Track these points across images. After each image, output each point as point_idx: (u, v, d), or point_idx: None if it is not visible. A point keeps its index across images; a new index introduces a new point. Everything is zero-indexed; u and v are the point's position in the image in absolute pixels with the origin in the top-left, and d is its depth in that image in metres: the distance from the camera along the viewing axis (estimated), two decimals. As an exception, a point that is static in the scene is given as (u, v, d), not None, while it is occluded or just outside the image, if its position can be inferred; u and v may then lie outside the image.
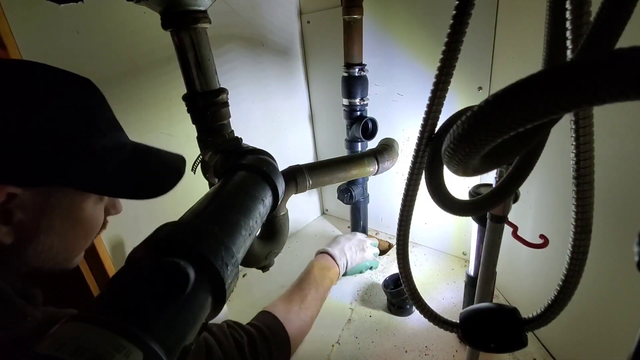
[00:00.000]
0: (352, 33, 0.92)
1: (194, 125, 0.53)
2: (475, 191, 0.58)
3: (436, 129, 0.38)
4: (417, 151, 0.39)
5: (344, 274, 0.89)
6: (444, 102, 0.36)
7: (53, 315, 0.33)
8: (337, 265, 0.70)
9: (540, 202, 0.74)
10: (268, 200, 0.39)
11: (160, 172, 0.42)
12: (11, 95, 0.30)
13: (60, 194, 0.34)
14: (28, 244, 0.33)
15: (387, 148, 0.60)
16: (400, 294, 0.91)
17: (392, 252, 1.22)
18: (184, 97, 0.49)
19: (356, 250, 0.81)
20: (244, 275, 1.10)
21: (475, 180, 0.80)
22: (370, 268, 1.07)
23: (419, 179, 0.41)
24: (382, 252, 1.23)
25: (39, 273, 0.36)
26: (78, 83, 0.36)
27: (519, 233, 0.49)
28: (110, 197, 0.42)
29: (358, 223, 1.23)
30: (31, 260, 0.34)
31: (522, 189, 0.42)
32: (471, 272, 0.73)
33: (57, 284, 0.69)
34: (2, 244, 0.31)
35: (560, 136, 0.37)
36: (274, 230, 0.50)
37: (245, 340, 0.47)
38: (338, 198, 1.12)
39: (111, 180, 0.36)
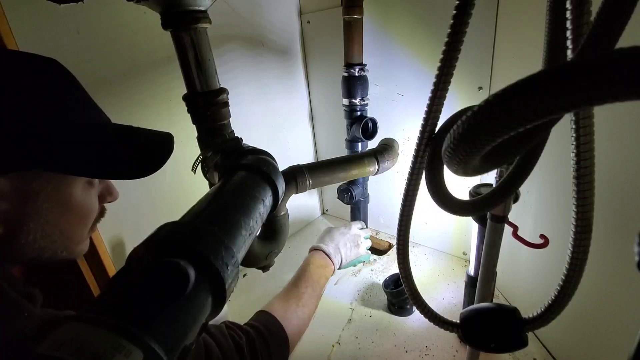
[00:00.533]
0: (352, 33, 0.92)
1: (194, 125, 0.53)
2: (475, 191, 0.58)
3: (436, 129, 0.38)
4: (417, 151, 0.39)
5: (338, 268, 0.90)
6: (444, 102, 0.36)
7: (52, 317, 0.32)
8: (333, 262, 0.69)
9: (541, 202, 0.74)
10: (268, 200, 0.39)
11: (146, 150, 0.40)
12: None
13: (42, 180, 0.33)
14: (18, 233, 0.32)
15: (387, 148, 0.60)
16: (401, 294, 0.91)
17: (392, 252, 1.22)
18: (184, 97, 0.49)
19: (351, 247, 0.80)
20: (244, 275, 1.10)
21: (476, 180, 0.80)
22: (363, 262, 1.07)
23: (419, 179, 0.41)
24: (382, 252, 1.23)
25: (38, 263, 0.35)
26: (43, 64, 0.35)
27: (519, 233, 0.49)
28: (104, 183, 0.40)
29: (358, 223, 1.23)
30: (26, 250, 0.33)
31: (523, 189, 0.42)
32: (471, 272, 0.73)
33: (57, 283, 0.70)
34: None
35: (561, 136, 0.37)
36: (274, 230, 0.50)
37: (244, 341, 0.46)
38: (338, 198, 1.12)
39: (92, 161, 0.35)
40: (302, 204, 1.40)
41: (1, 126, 0.29)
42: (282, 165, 0.52)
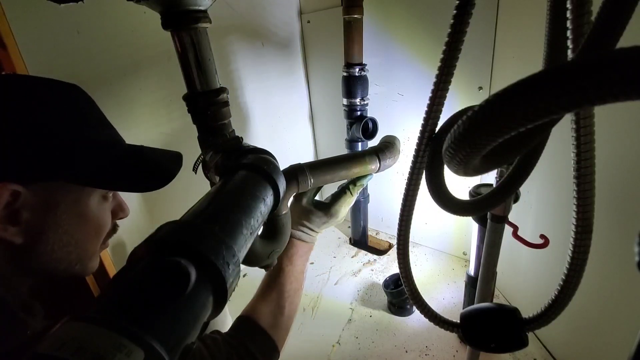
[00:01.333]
0: (352, 33, 0.92)
1: (194, 125, 0.53)
2: (475, 191, 0.58)
3: (436, 129, 0.38)
4: (417, 151, 0.39)
5: None
6: (445, 102, 0.36)
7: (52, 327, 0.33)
8: (313, 243, 0.62)
9: (541, 202, 0.74)
10: (269, 199, 0.39)
11: (159, 164, 0.43)
12: (6, 103, 0.33)
13: (64, 191, 0.35)
14: (38, 243, 0.34)
15: (388, 146, 0.60)
16: (401, 294, 0.91)
17: (392, 252, 1.22)
18: (185, 97, 0.49)
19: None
20: (244, 275, 1.10)
21: (476, 180, 0.80)
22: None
23: (419, 179, 0.41)
24: (382, 252, 1.23)
25: (52, 277, 0.37)
26: (66, 88, 0.38)
27: (519, 233, 0.49)
28: (116, 199, 0.43)
29: (358, 223, 1.23)
30: (43, 261, 0.35)
31: (523, 189, 0.42)
32: (471, 272, 0.73)
33: (58, 283, 0.70)
34: (13, 244, 0.32)
35: (561, 136, 0.37)
36: (275, 229, 0.50)
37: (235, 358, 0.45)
38: (338, 198, 1.12)
39: (111, 173, 0.38)
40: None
41: (30, 141, 0.33)
42: (282, 166, 0.52)
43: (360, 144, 1.05)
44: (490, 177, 0.58)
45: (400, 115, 1.08)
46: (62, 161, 0.34)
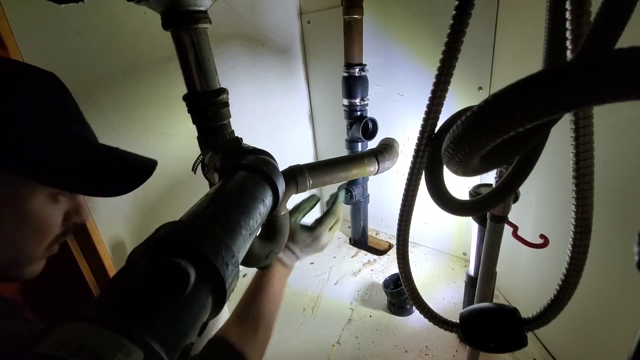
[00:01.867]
0: (352, 33, 0.92)
1: (194, 125, 0.53)
2: (475, 191, 0.58)
3: (436, 129, 0.38)
4: (417, 151, 0.39)
5: None
6: (444, 102, 0.36)
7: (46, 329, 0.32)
8: (292, 267, 0.61)
9: (541, 202, 0.74)
10: (268, 200, 0.39)
11: (120, 171, 0.39)
12: None
13: (0, 182, 0.31)
14: None
15: (387, 148, 0.60)
16: (401, 294, 0.91)
17: (392, 252, 1.22)
18: (185, 97, 0.49)
19: (312, 253, 0.66)
20: (244, 276, 1.10)
21: (476, 180, 0.80)
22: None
23: (419, 179, 0.41)
24: (382, 252, 1.23)
25: None
26: (38, 75, 0.35)
27: (519, 233, 0.49)
28: (73, 201, 0.39)
29: (358, 223, 1.23)
30: None
31: (522, 189, 0.42)
32: (471, 272, 0.73)
33: (57, 283, 0.70)
34: None
35: (560, 136, 0.37)
36: (274, 230, 0.50)
37: None
38: (338, 198, 1.12)
39: (60, 171, 0.34)
40: (302, 204, 1.40)
41: None
42: (282, 166, 0.52)
43: (360, 144, 1.05)
44: (490, 177, 0.58)
45: (400, 116, 1.08)
46: (4, 148, 0.30)
